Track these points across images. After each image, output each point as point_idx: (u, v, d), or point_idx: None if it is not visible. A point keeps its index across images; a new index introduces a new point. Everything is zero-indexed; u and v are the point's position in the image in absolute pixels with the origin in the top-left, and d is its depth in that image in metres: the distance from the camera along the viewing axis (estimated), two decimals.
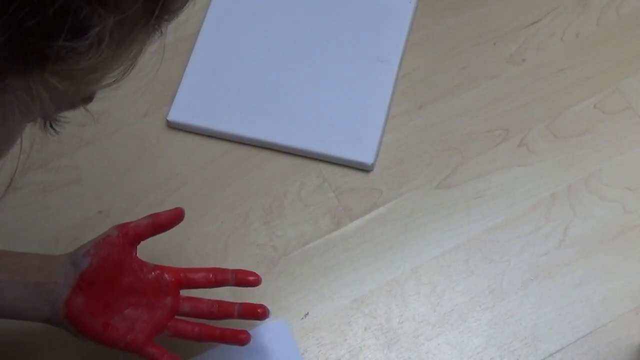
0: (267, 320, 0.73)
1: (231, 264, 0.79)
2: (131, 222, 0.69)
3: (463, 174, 0.82)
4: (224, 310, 0.71)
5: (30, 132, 0.42)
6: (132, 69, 0.40)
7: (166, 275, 0.69)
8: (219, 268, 0.72)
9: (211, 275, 0.71)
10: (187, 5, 0.41)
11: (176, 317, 0.70)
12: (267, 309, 0.71)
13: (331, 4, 0.90)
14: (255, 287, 0.72)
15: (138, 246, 0.69)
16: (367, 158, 0.82)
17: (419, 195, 0.81)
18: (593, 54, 0.88)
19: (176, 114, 0.84)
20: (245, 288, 0.72)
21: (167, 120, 0.84)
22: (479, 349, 0.75)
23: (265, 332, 0.74)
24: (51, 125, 0.43)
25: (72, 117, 0.43)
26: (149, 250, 0.71)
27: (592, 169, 0.82)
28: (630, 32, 0.89)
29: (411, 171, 0.83)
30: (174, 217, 0.70)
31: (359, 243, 0.80)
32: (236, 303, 0.71)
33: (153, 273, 0.69)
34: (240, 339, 0.70)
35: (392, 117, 0.85)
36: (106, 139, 0.85)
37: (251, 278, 0.71)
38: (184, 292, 0.71)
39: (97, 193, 0.83)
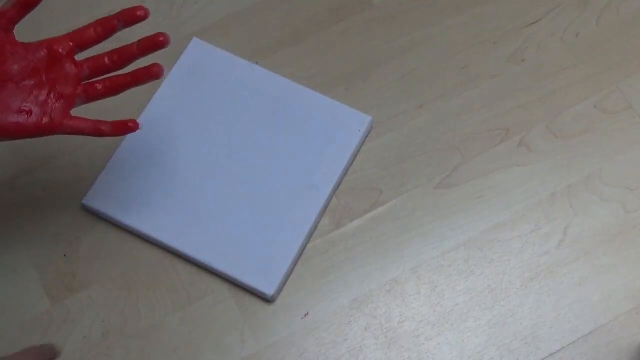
0: None
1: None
2: None
3: (463, 174, 0.82)
4: (125, 55, 0.69)
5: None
6: None
7: (56, 47, 0.68)
8: (103, 18, 0.69)
9: (99, 28, 0.68)
10: None
11: (82, 83, 0.69)
12: (168, 38, 0.68)
13: (282, 123, 0.83)
14: None
15: None
16: (268, 288, 0.76)
17: (419, 195, 0.82)
18: (593, 54, 0.88)
19: (92, 200, 0.81)
20: None
21: (82, 204, 0.81)
22: (479, 349, 0.75)
23: None
24: None
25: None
26: None
27: (592, 169, 0.82)
28: (630, 32, 0.89)
29: (411, 171, 0.83)
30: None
31: (359, 243, 0.80)
32: (134, 42, 0.69)
33: (41, 51, 0.67)
34: (152, 71, 0.69)
35: (393, 117, 0.85)
36: (107, 139, 0.85)
37: (139, 13, 0.68)
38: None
39: None
